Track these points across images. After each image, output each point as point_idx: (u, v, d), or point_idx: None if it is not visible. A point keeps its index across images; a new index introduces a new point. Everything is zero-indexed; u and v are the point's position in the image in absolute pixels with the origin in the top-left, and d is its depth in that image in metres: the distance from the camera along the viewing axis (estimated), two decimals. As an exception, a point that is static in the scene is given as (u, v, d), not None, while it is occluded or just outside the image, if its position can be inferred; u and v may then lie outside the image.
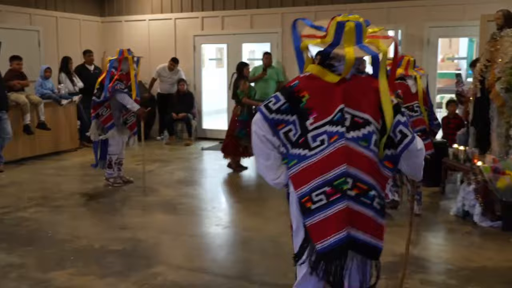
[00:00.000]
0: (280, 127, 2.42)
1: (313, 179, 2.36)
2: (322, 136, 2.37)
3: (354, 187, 2.33)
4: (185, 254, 4.44)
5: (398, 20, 9.16)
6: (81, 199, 6.20)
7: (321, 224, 2.34)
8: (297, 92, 2.42)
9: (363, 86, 2.44)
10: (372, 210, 2.36)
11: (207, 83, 11.55)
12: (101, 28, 11.61)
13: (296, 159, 2.40)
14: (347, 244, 2.32)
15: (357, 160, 2.33)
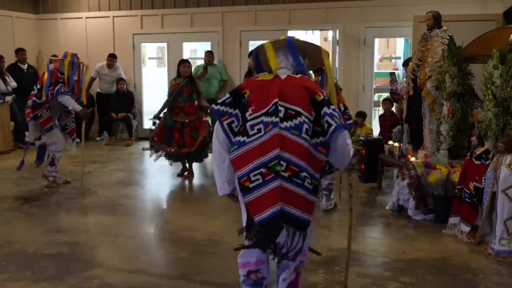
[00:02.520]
0: (224, 118, 2.79)
1: (251, 162, 2.68)
2: (259, 126, 2.73)
3: (287, 169, 2.64)
4: (123, 255, 4.36)
5: (336, 20, 9.36)
6: (14, 203, 5.96)
7: (258, 200, 2.65)
8: (240, 90, 2.86)
9: (294, 83, 2.84)
10: (302, 188, 2.66)
11: (148, 82, 11.38)
12: (35, 25, 11.21)
13: (236, 145, 2.74)
14: (281, 216, 2.60)
15: (289, 146, 2.67)
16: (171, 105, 6.99)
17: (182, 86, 6.97)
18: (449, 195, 5.01)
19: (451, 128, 5.78)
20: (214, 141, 2.87)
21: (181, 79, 7.05)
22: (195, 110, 7.05)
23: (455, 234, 4.77)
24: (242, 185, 2.70)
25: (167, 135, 6.97)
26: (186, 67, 7.08)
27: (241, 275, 3.00)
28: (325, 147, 2.77)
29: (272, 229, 2.61)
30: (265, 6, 9.74)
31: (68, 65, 6.43)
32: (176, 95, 6.96)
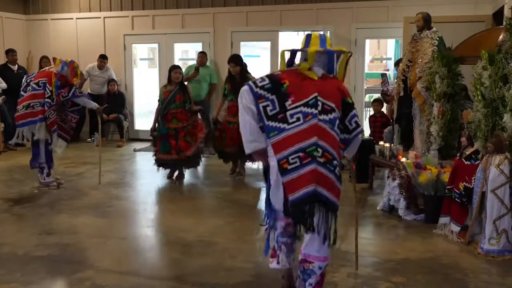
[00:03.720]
0: (260, 100, 3.11)
1: (290, 146, 3.04)
2: (298, 115, 3.09)
3: (323, 155, 3.03)
4: (114, 257, 4.34)
5: (327, 21, 9.37)
6: (4, 205, 5.92)
7: (294, 181, 3.01)
8: (280, 79, 3.18)
9: (330, 83, 3.25)
10: (333, 175, 3.07)
11: (139, 83, 11.36)
12: (26, 26, 11.15)
13: (276, 131, 3.08)
14: (314, 196, 2.99)
15: (325, 136, 3.06)
16: (163, 112, 6.90)
17: (174, 93, 6.88)
18: (439, 195, 5.04)
19: (441, 128, 5.81)
20: (240, 107, 3.18)
21: (172, 86, 6.94)
22: (187, 116, 6.98)
23: (445, 234, 4.80)
24: (281, 167, 3.04)
25: (162, 143, 6.90)
26: (177, 73, 6.96)
27: (279, 228, 3.35)
28: (344, 143, 3.24)
29: (305, 206, 2.99)
30: (256, 7, 9.75)
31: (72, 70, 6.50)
32: (168, 102, 6.87)
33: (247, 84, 3.21)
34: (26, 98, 6.36)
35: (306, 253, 3.17)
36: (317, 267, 3.16)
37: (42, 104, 6.32)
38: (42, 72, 6.58)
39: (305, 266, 3.17)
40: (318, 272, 3.16)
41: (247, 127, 3.17)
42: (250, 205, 5.99)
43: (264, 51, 12.00)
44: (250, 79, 6.83)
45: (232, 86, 6.91)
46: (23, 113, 6.35)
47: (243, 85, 6.82)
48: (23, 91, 6.47)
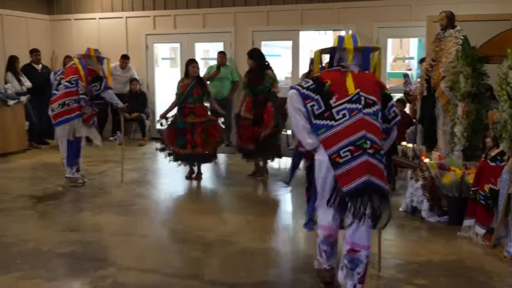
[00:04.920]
0: (307, 101, 3.35)
1: (340, 141, 3.26)
2: (344, 111, 3.31)
3: (371, 147, 3.25)
4: (136, 255, 4.37)
5: (348, 20, 9.31)
6: (29, 202, 6.01)
7: (347, 173, 3.23)
8: (322, 79, 3.41)
9: (368, 78, 3.50)
10: (381, 164, 3.29)
11: (160, 82, 11.42)
12: (50, 26, 11.31)
13: (324, 128, 3.31)
14: (367, 185, 3.21)
15: (371, 129, 3.30)
16: (181, 106, 6.91)
17: (191, 87, 6.86)
18: (464, 197, 4.96)
19: (466, 129, 5.72)
20: (292, 110, 3.41)
21: (190, 79, 6.92)
22: (205, 111, 6.98)
23: (470, 237, 4.72)
24: (333, 161, 3.26)
25: (179, 137, 6.88)
26: (195, 67, 6.95)
27: (321, 235, 3.55)
28: (385, 133, 3.48)
29: (360, 196, 3.20)
30: (277, 6, 9.73)
31: (97, 60, 6.61)
32: (186, 96, 6.86)
33: (294, 87, 3.44)
34: (60, 96, 6.46)
35: (353, 242, 3.35)
36: (364, 256, 3.35)
37: (77, 100, 6.43)
38: (70, 69, 6.64)
39: (352, 255, 3.34)
40: (365, 261, 3.35)
41: (301, 129, 3.40)
42: (272, 205, 5.98)
43: (285, 51, 11.98)
44: (269, 75, 6.84)
45: (248, 80, 6.89)
46: (59, 111, 6.45)
47: (258, 80, 6.86)
48: (55, 90, 6.57)
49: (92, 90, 6.48)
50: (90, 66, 6.57)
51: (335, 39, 3.60)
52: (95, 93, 6.53)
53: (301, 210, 5.67)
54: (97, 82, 6.54)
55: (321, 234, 3.56)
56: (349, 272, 3.34)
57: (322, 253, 3.60)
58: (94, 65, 6.60)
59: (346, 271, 3.35)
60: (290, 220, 5.53)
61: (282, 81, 11.78)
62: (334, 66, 3.56)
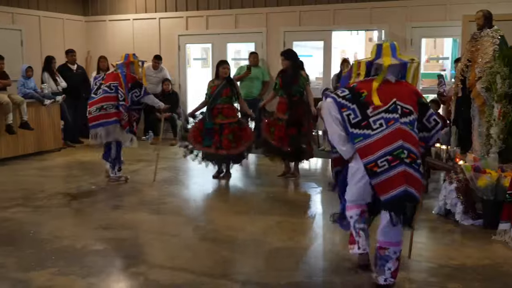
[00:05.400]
0: (343, 110, 3.42)
1: (377, 151, 3.32)
2: (380, 121, 3.38)
3: (408, 156, 3.31)
4: (167, 253, 4.42)
5: (381, 20, 9.22)
6: (63, 199, 6.15)
7: (385, 182, 3.30)
8: (358, 89, 3.48)
9: (405, 87, 3.55)
10: (418, 173, 3.36)
11: (192, 83, 11.53)
12: (85, 27, 11.54)
13: (361, 137, 3.37)
14: (405, 196, 3.28)
15: (408, 138, 3.35)
16: (210, 107, 6.91)
17: (221, 88, 6.86)
18: (499, 200, 4.85)
19: (502, 131, 5.59)
20: (328, 118, 3.49)
21: (220, 80, 6.93)
22: (234, 113, 6.97)
23: (506, 241, 4.60)
24: (370, 170, 3.34)
25: (206, 137, 6.89)
26: (226, 68, 6.94)
27: (354, 215, 3.62)
28: (424, 141, 3.55)
29: (397, 205, 3.30)
30: (309, 6, 9.69)
31: (139, 65, 6.77)
32: (215, 97, 6.86)
33: (331, 96, 3.52)
34: (99, 100, 6.59)
35: (381, 240, 3.50)
36: (392, 252, 3.48)
37: (116, 106, 6.56)
38: (111, 75, 6.78)
39: (381, 252, 3.50)
40: (394, 257, 3.49)
41: (337, 138, 3.48)
42: (302, 206, 5.96)
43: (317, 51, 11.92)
44: (303, 75, 6.81)
45: (282, 81, 6.86)
46: (96, 114, 6.59)
47: (293, 80, 6.84)
48: (94, 93, 6.71)
49: (131, 97, 6.59)
50: (132, 72, 6.69)
51: (373, 48, 3.63)
52: (135, 99, 6.63)
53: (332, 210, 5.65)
54: (136, 88, 6.65)
55: (353, 213, 3.64)
56: (380, 268, 3.52)
57: (359, 232, 3.65)
58: (135, 70, 6.72)
59: (378, 267, 3.55)
60: (320, 221, 5.50)
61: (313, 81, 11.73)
62: (372, 75, 3.60)
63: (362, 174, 3.44)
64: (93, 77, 7.32)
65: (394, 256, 3.50)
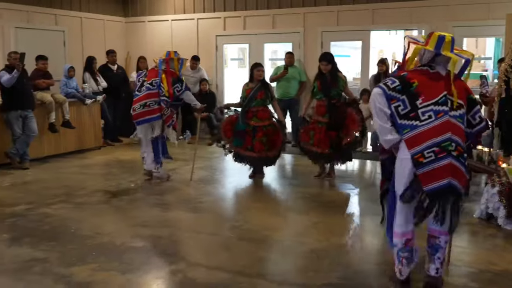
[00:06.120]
0: (392, 101, 3.36)
1: (424, 142, 3.30)
2: (429, 113, 3.33)
3: (456, 149, 3.29)
4: (204, 252, 4.46)
5: (421, 19, 9.06)
6: (103, 197, 6.28)
7: (430, 173, 3.28)
8: (409, 79, 3.40)
9: (456, 82, 3.45)
10: (464, 167, 3.33)
11: (229, 83, 11.60)
12: (125, 28, 11.76)
13: (409, 128, 3.35)
14: (448, 188, 3.27)
15: (457, 131, 3.33)
16: (244, 109, 6.90)
17: (255, 91, 6.83)
18: (544, 204, 4.70)
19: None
20: (374, 109, 3.43)
21: (254, 83, 6.92)
22: (268, 115, 6.94)
23: (550, 247, 4.47)
24: (416, 161, 3.31)
25: (238, 138, 6.91)
26: (260, 71, 6.92)
27: (399, 243, 3.54)
28: (466, 137, 3.46)
29: (442, 197, 3.28)
30: (347, 6, 9.61)
31: (178, 63, 6.89)
32: (250, 100, 6.85)
33: (379, 87, 3.43)
34: (142, 97, 6.74)
35: (432, 228, 3.50)
36: (443, 241, 3.51)
37: (158, 102, 6.70)
38: (153, 71, 6.93)
39: (432, 241, 3.52)
40: (444, 246, 3.53)
41: (380, 129, 3.45)
42: (338, 207, 5.92)
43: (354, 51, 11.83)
44: (341, 77, 6.77)
45: (321, 84, 6.82)
46: (140, 111, 6.74)
47: (333, 83, 6.80)
48: (138, 91, 6.87)
49: (174, 92, 6.71)
50: (172, 69, 6.82)
51: (434, 38, 3.48)
52: (176, 94, 6.74)
53: (369, 212, 5.60)
54: (178, 83, 6.79)
55: (399, 241, 3.55)
56: (431, 257, 3.53)
57: (403, 261, 3.57)
58: (175, 67, 6.85)
59: (428, 256, 3.54)
60: (357, 223, 5.45)
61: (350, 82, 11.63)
62: (423, 66, 3.52)
63: (407, 165, 3.38)
64: (136, 74, 7.48)
65: (444, 246, 3.52)
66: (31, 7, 9.57)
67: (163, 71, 6.74)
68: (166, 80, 6.68)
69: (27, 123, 7.80)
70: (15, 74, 7.41)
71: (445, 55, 3.44)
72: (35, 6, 9.65)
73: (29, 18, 9.56)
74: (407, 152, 3.35)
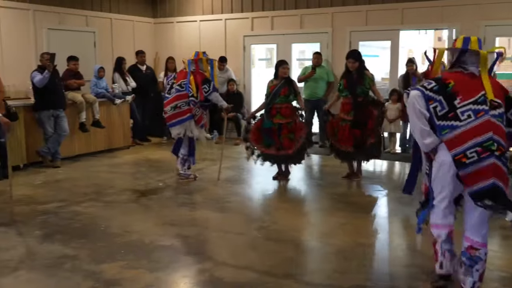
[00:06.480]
0: (430, 102, 3.35)
1: (466, 142, 3.27)
2: (469, 112, 3.30)
3: (498, 149, 3.25)
4: (231, 251, 4.48)
5: (452, 18, 8.90)
6: (132, 195, 6.37)
7: (474, 174, 3.25)
8: (444, 80, 3.40)
9: (494, 81, 3.48)
10: (505, 167, 3.28)
11: (256, 83, 11.61)
12: (154, 29, 11.89)
13: (448, 129, 3.32)
14: (493, 189, 3.22)
15: (497, 130, 3.29)
16: (268, 106, 6.90)
17: (279, 87, 6.82)
18: None
19: None
20: (412, 111, 3.40)
21: (278, 80, 6.90)
22: (292, 112, 6.91)
23: None
24: (458, 161, 3.28)
25: (265, 137, 6.90)
26: (285, 69, 6.89)
27: (442, 234, 3.50)
28: (508, 139, 3.41)
29: (486, 198, 3.23)
30: (376, 5, 9.51)
31: (207, 63, 6.96)
32: (273, 96, 6.83)
33: (417, 88, 3.43)
34: (172, 100, 6.83)
35: (473, 240, 3.42)
36: (483, 253, 3.42)
37: (188, 103, 6.78)
38: (181, 73, 7.02)
39: (471, 253, 3.41)
40: (484, 258, 3.42)
41: (419, 131, 3.41)
42: (366, 208, 5.87)
43: (382, 51, 11.71)
44: (368, 76, 6.72)
45: (347, 82, 6.77)
46: (171, 113, 6.84)
47: (359, 81, 6.76)
48: (168, 93, 6.95)
49: (201, 93, 6.76)
50: (201, 69, 6.87)
51: (460, 40, 3.57)
52: (205, 95, 6.79)
53: (397, 214, 5.53)
54: (206, 84, 6.84)
55: (441, 233, 3.52)
56: (469, 269, 3.42)
57: (445, 253, 3.56)
58: (204, 68, 6.91)
59: (465, 268, 3.43)
60: (385, 224, 5.39)
61: (378, 82, 11.52)
62: (456, 67, 3.53)
63: (448, 166, 3.34)
64: (165, 77, 7.57)
65: (484, 258, 3.43)
66: (63, 9, 9.76)
67: (192, 72, 6.80)
68: (195, 81, 6.74)
69: (59, 122, 7.96)
70: (46, 75, 7.57)
71: (473, 50, 3.45)
72: (67, 7, 9.84)
73: (61, 19, 9.75)
74: (447, 153, 3.33)
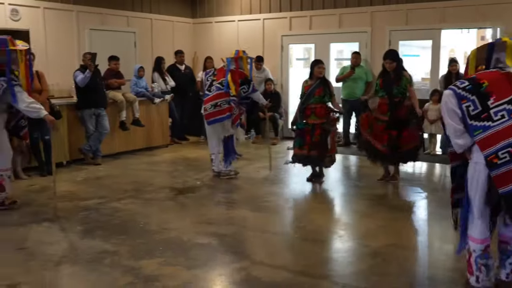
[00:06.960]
0: (463, 101, 3.30)
1: (499, 142, 3.20)
2: (502, 112, 3.24)
3: None
4: (268, 251, 4.49)
5: (496, 17, 8.65)
6: (170, 193, 6.46)
7: (506, 174, 3.17)
8: (478, 80, 3.35)
9: None
10: None
11: (294, 83, 11.58)
12: (193, 29, 12.02)
13: (481, 129, 3.25)
14: None
15: None
16: (302, 107, 6.84)
17: (314, 88, 6.74)
18: None
19: None
20: (444, 111, 3.40)
21: (313, 80, 6.82)
22: (326, 112, 6.81)
23: None
24: (489, 162, 3.21)
25: (298, 138, 6.88)
26: (321, 68, 6.80)
27: (478, 249, 3.43)
28: None
29: None
30: (416, 4, 9.35)
31: (246, 61, 7.04)
32: (308, 96, 6.76)
33: (450, 88, 3.40)
34: (213, 97, 6.92)
35: (504, 234, 3.48)
36: None
37: (228, 102, 6.87)
38: (222, 71, 7.09)
39: (504, 247, 3.48)
40: None
41: (453, 131, 3.37)
42: (404, 210, 5.79)
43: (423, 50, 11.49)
44: (405, 76, 6.62)
45: (383, 82, 6.68)
46: (211, 111, 6.93)
47: (396, 81, 6.66)
48: (208, 90, 7.03)
49: (239, 92, 6.83)
50: (241, 68, 6.91)
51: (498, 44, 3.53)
52: (243, 95, 6.86)
53: (437, 216, 5.43)
54: (245, 84, 6.91)
55: (477, 248, 3.45)
56: (502, 262, 3.50)
57: (481, 268, 3.46)
58: (244, 67, 6.95)
59: (499, 261, 3.51)
60: (424, 227, 5.30)
61: (418, 82, 11.31)
62: (491, 68, 3.48)
63: (484, 167, 3.27)
64: (204, 73, 7.65)
65: None
66: (105, 10, 9.97)
67: (231, 71, 6.85)
68: (233, 80, 6.77)
69: (100, 120, 8.14)
70: (87, 74, 7.76)
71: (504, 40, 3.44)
72: (109, 8, 10.05)
73: (103, 20, 9.96)
74: (480, 154, 3.27)
